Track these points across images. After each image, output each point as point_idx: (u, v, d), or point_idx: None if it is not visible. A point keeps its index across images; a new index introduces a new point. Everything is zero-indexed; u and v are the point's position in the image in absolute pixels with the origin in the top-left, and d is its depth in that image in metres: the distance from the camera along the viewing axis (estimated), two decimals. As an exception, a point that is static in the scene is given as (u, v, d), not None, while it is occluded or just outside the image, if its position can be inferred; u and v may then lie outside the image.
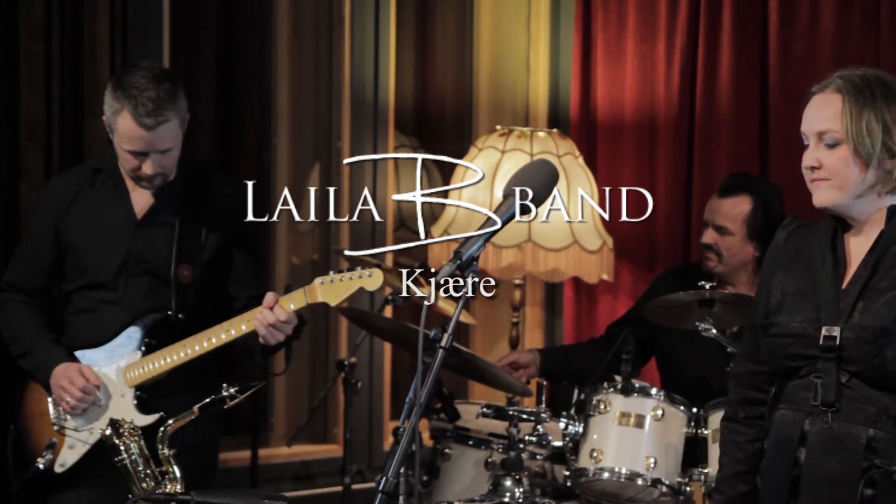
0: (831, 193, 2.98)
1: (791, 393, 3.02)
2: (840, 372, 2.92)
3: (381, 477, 2.57)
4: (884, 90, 2.96)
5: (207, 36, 5.84)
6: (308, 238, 6.11)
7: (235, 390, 3.67)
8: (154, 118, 3.95)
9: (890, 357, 2.87)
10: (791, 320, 3.01)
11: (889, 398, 2.90)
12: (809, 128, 3.03)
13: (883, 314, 2.89)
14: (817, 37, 5.65)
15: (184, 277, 4.08)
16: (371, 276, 3.90)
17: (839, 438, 2.92)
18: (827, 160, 2.97)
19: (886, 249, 2.96)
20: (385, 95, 6.06)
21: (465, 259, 2.64)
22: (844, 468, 2.91)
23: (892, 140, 2.94)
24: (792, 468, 2.98)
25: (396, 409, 6.08)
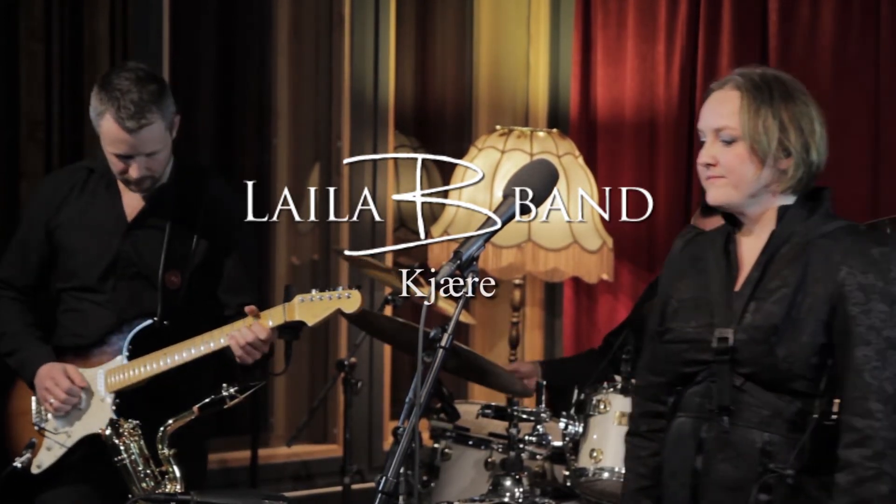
0: (726, 191, 2.95)
1: (688, 400, 2.99)
2: (734, 375, 2.90)
3: (381, 477, 2.57)
4: (782, 90, 2.97)
5: (207, 36, 5.84)
6: (308, 238, 6.11)
7: (235, 390, 3.67)
8: (136, 121, 3.88)
9: (781, 356, 2.85)
10: (685, 326, 2.99)
11: (783, 401, 2.87)
12: (707, 124, 2.99)
13: (773, 313, 2.87)
14: (817, 36, 5.65)
15: (172, 283, 4.03)
16: (349, 298, 3.84)
17: (734, 444, 2.89)
18: (723, 157, 2.95)
19: (777, 249, 2.94)
20: (385, 95, 6.06)
21: (464, 259, 2.64)
22: (740, 474, 2.88)
23: (788, 139, 2.94)
24: (691, 477, 2.95)
25: (396, 409, 6.08)
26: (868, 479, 2.79)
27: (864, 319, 2.83)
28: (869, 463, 2.79)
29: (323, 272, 6.05)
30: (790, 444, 2.86)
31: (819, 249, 2.90)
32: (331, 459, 5.83)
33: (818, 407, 2.87)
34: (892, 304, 2.84)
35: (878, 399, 2.80)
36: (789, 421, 2.87)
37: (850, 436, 2.82)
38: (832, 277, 2.86)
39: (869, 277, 2.84)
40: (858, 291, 2.84)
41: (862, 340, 2.82)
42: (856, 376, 2.82)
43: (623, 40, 6.15)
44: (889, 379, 2.81)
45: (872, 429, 2.80)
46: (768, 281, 2.91)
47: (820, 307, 2.86)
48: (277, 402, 6.05)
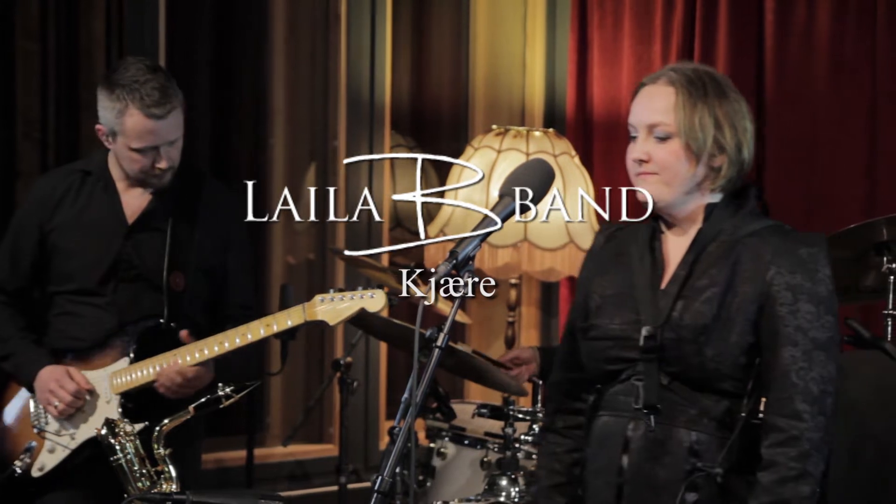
0: (658, 188, 2.91)
1: (612, 398, 2.95)
2: (661, 374, 2.87)
3: (377, 476, 2.57)
4: (715, 86, 2.92)
5: (203, 35, 5.84)
6: (304, 238, 6.11)
7: (231, 390, 3.67)
8: (163, 107, 3.90)
9: (710, 356, 2.82)
10: (610, 322, 2.95)
11: (710, 399, 2.84)
12: (639, 120, 2.94)
13: (702, 312, 2.84)
14: (813, 38, 5.65)
15: (176, 285, 4.03)
16: (373, 298, 3.86)
17: (662, 442, 2.86)
18: (657, 154, 2.90)
19: (704, 248, 2.91)
20: (381, 95, 6.06)
21: (460, 259, 2.64)
22: (668, 473, 2.85)
23: (723, 137, 2.89)
24: (617, 476, 2.91)
25: (392, 409, 6.08)
26: (790, 479, 2.78)
27: (792, 320, 2.82)
28: (793, 463, 2.78)
29: (319, 272, 6.05)
30: (718, 444, 2.84)
31: (748, 249, 2.88)
32: (327, 459, 5.82)
33: (746, 406, 2.84)
34: (818, 304, 2.83)
35: (805, 400, 2.79)
36: (717, 420, 2.84)
37: (776, 436, 2.80)
38: (761, 277, 2.84)
39: (797, 278, 2.83)
40: (786, 291, 2.83)
41: (789, 341, 2.81)
42: (782, 377, 2.81)
43: (619, 40, 6.15)
44: (815, 380, 2.80)
45: (798, 429, 2.79)
46: (696, 279, 2.88)
47: (748, 307, 2.84)
48: (273, 402, 6.05)
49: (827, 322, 2.84)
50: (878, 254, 4.30)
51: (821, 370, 2.81)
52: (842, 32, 5.58)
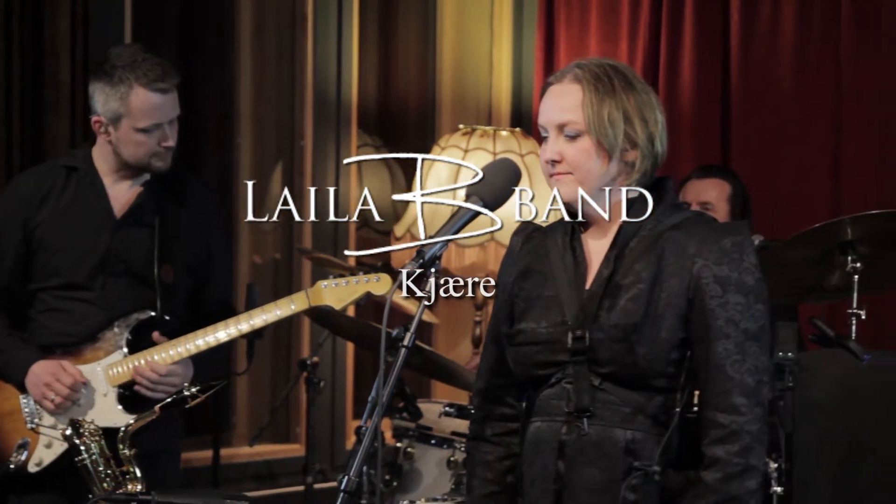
0: (573, 188, 2.83)
1: (544, 403, 2.87)
2: (592, 375, 2.80)
3: (344, 476, 2.56)
4: (622, 80, 2.85)
5: (169, 35, 5.82)
6: (270, 237, 6.10)
7: (197, 390, 3.66)
8: (166, 81, 3.96)
9: (642, 354, 2.76)
10: (537, 326, 2.87)
11: (644, 396, 2.79)
12: (549, 120, 2.87)
13: (631, 311, 2.77)
14: (778, 36, 5.68)
15: (167, 278, 4.05)
16: (378, 281, 3.88)
17: (598, 444, 2.79)
18: (568, 153, 2.83)
19: (626, 244, 2.84)
20: (348, 94, 6.06)
21: (427, 258, 2.64)
22: (605, 475, 2.79)
23: (634, 130, 2.82)
24: (554, 482, 2.84)
25: (359, 409, 6.08)
26: (736, 475, 2.73)
27: (722, 313, 2.76)
28: (736, 459, 2.73)
29: (285, 271, 6.04)
30: (655, 441, 2.79)
31: (671, 242, 2.81)
32: (293, 459, 5.82)
33: (680, 400, 2.80)
34: (747, 294, 2.78)
35: (741, 393, 2.75)
36: (652, 416, 2.79)
37: (716, 432, 2.75)
38: (687, 270, 2.78)
39: (724, 269, 2.77)
40: (715, 284, 2.77)
41: (721, 334, 2.76)
42: (717, 371, 2.76)
43: (586, 39, 6.16)
44: (750, 371, 2.76)
45: (737, 424, 2.74)
46: (621, 277, 2.81)
47: (677, 301, 2.78)
48: (239, 402, 6.04)
49: (757, 311, 2.79)
50: (842, 253, 4.32)
51: (755, 361, 2.77)
52: (807, 32, 5.61)
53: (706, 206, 4.91)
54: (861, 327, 4.29)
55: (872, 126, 5.42)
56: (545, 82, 2.93)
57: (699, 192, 4.96)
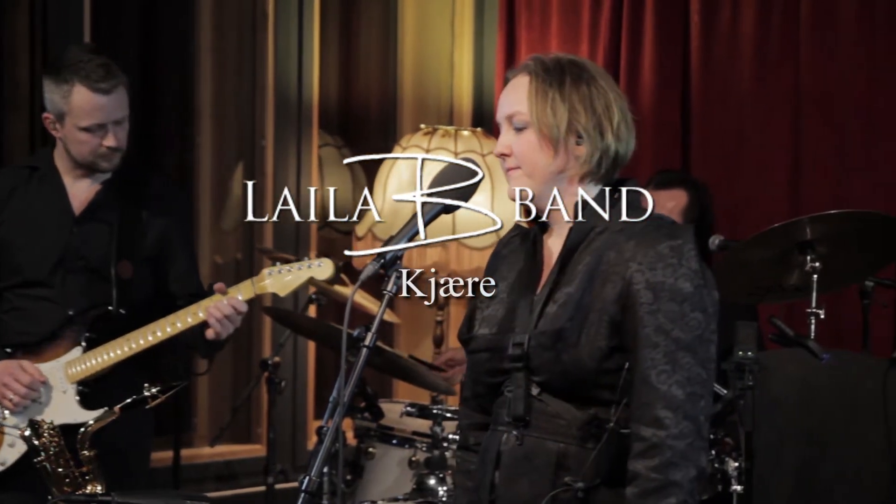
0: (522, 182, 2.77)
1: (496, 412, 2.81)
2: (530, 384, 2.72)
3: (305, 476, 2.56)
4: (575, 73, 2.77)
5: (129, 33, 5.80)
6: (231, 237, 6.09)
7: (157, 390, 3.65)
8: (109, 82, 3.96)
9: (569, 362, 2.66)
10: (488, 332, 2.82)
11: (579, 408, 2.68)
12: (501, 113, 2.82)
13: (558, 316, 2.69)
14: (737, 38, 5.70)
15: (124, 273, 4.05)
16: (321, 266, 3.88)
17: (529, 456, 2.71)
18: (516, 145, 2.78)
19: (576, 246, 2.75)
20: (309, 94, 6.05)
21: (388, 258, 2.63)
22: (534, 488, 2.70)
23: (578, 122, 2.74)
24: (490, 492, 2.78)
25: (320, 409, 6.07)
26: (652, 491, 2.61)
27: (651, 320, 2.63)
28: (654, 474, 2.61)
29: (246, 271, 6.02)
30: (586, 455, 2.68)
31: (612, 245, 2.71)
32: (254, 459, 5.81)
33: (614, 414, 2.67)
34: (682, 302, 2.64)
35: (666, 406, 2.61)
36: (584, 430, 2.68)
37: (638, 446, 2.63)
38: (621, 275, 2.66)
39: (657, 274, 2.64)
40: (647, 290, 2.64)
41: (648, 343, 2.63)
42: (642, 382, 2.64)
43: (547, 40, 6.17)
44: (679, 383, 2.62)
45: (659, 437, 2.61)
46: (565, 282, 2.73)
47: (609, 308, 2.66)
48: (200, 402, 6.02)
49: (693, 320, 2.64)
50: (801, 253, 4.34)
51: (686, 373, 2.63)
52: (766, 33, 5.64)
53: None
54: (820, 326, 4.32)
55: (831, 127, 5.45)
56: (505, 77, 2.89)
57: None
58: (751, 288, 4.56)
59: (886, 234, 4.48)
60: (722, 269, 4.52)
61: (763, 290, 4.56)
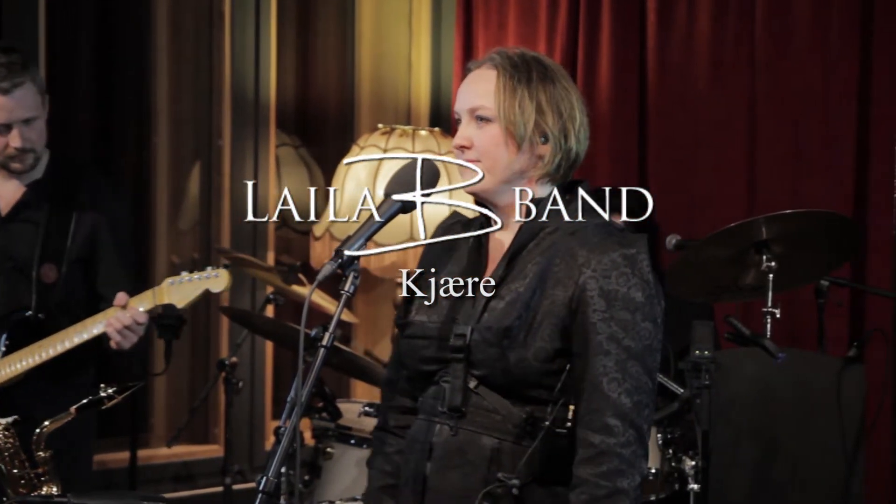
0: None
1: (425, 401, 2.80)
2: (469, 376, 2.71)
3: (262, 477, 2.56)
4: (541, 71, 2.77)
5: (85, 33, 5.77)
6: (188, 237, 6.06)
7: (113, 391, 3.63)
8: (9, 81, 3.90)
9: (513, 361, 2.66)
10: (427, 320, 2.79)
11: (516, 405, 2.68)
12: (462, 104, 2.80)
13: (506, 313, 2.68)
14: (694, 37, 5.73)
15: (47, 277, 4.01)
16: (217, 277, 3.85)
17: (463, 450, 2.71)
18: (478, 139, 2.75)
19: (524, 244, 2.75)
20: (266, 94, 6.04)
21: (346, 258, 2.62)
22: (466, 481, 2.70)
23: (545, 122, 2.74)
24: (421, 483, 2.76)
25: (278, 409, 6.06)
26: (601, 497, 2.62)
27: (605, 328, 2.64)
28: (603, 481, 2.62)
29: (201, 271, 6.00)
30: (521, 452, 2.68)
31: (563, 249, 2.70)
32: (212, 460, 5.79)
33: (551, 413, 2.68)
34: (634, 311, 2.65)
35: (615, 413, 2.63)
36: (520, 427, 2.68)
37: (585, 452, 2.64)
38: (573, 280, 2.67)
39: (611, 283, 2.65)
40: (600, 298, 2.65)
41: (601, 350, 2.64)
42: (592, 389, 2.64)
43: (504, 40, 6.18)
44: (628, 392, 2.64)
45: (607, 445, 2.62)
46: (511, 279, 2.72)
47: (558, 311, 2.67)
48: (157, 403, 6.00)
49: (643, 330, 2.66)
50: (757, 252, 4.37)
51: (634, 382, 2.65)
52: (722, 33, 5.66)
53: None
54: (776, 326, 4.34)
55: (786, 126, 5.48)
56: (465, 68, 2.87)
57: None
58: (707, 287, 4.59)
59: (841, 234, 4.51)
60: (679, 268, 4.54)
61: (720, 290, 4.59)
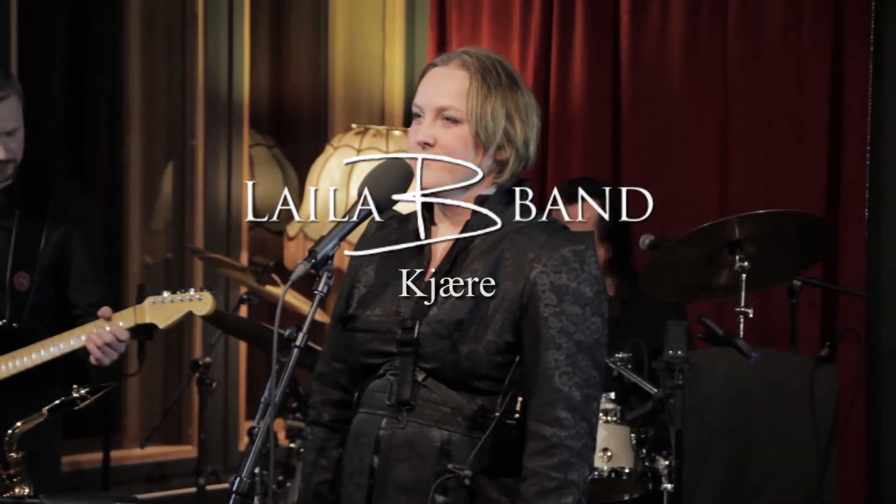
0: (440, 175, 2.75)
1: (369, 395, 2.79)
2: (416, 370, 2.72)
3: (236, 477, 2.55)
4: (508, 76, 2.78)
5: (57, 33, 5.75)
6: (161, 237, 6.05)
7: (86, 391, 3.62)
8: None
9: (464, 353, 2.68)
10: (371, 314, 2.79)
11: (465, 398, 2.70)
12: (428, 101, 2.78)
13: (458, 307, 2.70)
14: (667, 38, 5.74)
15: (20, 285, 3.98)
16: (201, 300, 3.84)
17: (412, 442, 2.72)
18: (444, 138, 2.75)
19: (470, 240, 2.76)
20: (239, 93, 6.03)
21: (319, 258, 2.62)
22: (416, 474, 2.71)
23: (514, 129, 2.75)
24: (368, 477, 2.76)
25: (252, 409, 6.05)
26: (552, 490, 2.65)
27: (556, 322, 2.68)
28: (554, 473, 2.65)
29: (177, 271, 5.99)
30: (471, 444, 2.70)
31: (513, 244, 2.73)
32: (185, 460, 5.78)
33: (500, 405, 2.71)
34: (584, 305, 2.70)
35: (566, 406, 2.67)
36: (470, 419, 2.70)
37: (536, 444, 2.67)
38: (524, 275, 2.70)
39: (562, 277, 2.69)
40: (551, 292, 2.69)
41: (553, 344, 2.68)
42: (544, 382, 2.68)
43: (478, 40, 6.18)
44: (578, 385, 2.68)
45: (558, 437, 2.66)
46: (458, 273, 2.74)
47: (509, 305, 2.69)
48: (130, 403, 5.98)
49: (592, 324, 2.71)
50: (730, 252, 4.38)
51: (584, 375, 2.69)
52: (695, 34, 5.67)
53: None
54: (748, 325, 4.36)
55: (758, 126, 5.50)
56: (429, 63, 2.85)
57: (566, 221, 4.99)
58: (681, 287, 4.60)
59: (814, 234, 4.53)
60: (652, 268, 4.55)
61: (693, 290, 4.60)
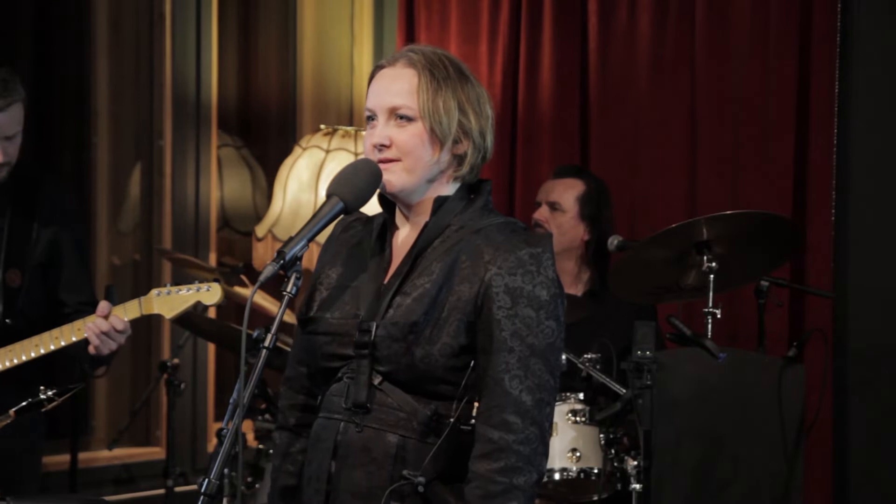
0: (401, 176, 2.74)
1: (328, 399, 2.78)
2: (373, 373, 2.70)
3: (204, 479, 2.55)
4: (456, 69, 2.78)
5: (22, 32, 5.73)
6: (129, 238, 6.03)
7: (53, 393, 3.61)
8: (6, 98, 3.87)
9: (419, 356, 2.66)
10: (330, 316, 2.78)
11: (421, 402, 2.69)
12: (380, 103, 2.76)
13: (413, 310, 2.68)
14: (634, 39, 5.75)
15: (12, 281, 3.99)
16: (209, 290, 3.84)
17: (367, 448, 2.70)
18: (399, 138, 2.73)
19: (430, 242, 2.75)
20: (207, 94, 6.01)
21: (288, 259, 2.62)
22: (371, 480, 2.69)
23: (468, 121, 2.75)
24: (326, 482, 2.74)
25: (220, 411, 6.04)
26: (497, 493, 2.62)
27: (509, 325, 2.65)
28: (498, 477, 2.63)
29: (145, 272, 5.97)
30: (426, 450, 2.68)
31: (469, 246, 2.72)
32: (153, 462, 5.76)
33: (456, 410, 2.69)
34: (538, 309, 2.67)
35: (515, 410, 2.64)
36: (425, 424, 2.68)
37: (482, 447, 2.65)
38: (479, 277, 2.68)
39: (517, 280, 2.67)
40: (505, 294, 2.66)
41: (505, 347, 2.65)
42: (494, 385, 2.66)
43: (446, 40, 6.19)
44: (529, 389, 2.65)
45: (505, 441, 2.63)
46: (416, 275, 2.73)
47: (464, 307, 2.67)
48: (98, 405, 5.96)
49: (547, 328, 2.68)
50: (698, 253, 4.40)
51: (536, 379, 2.66)
52: (662, 34, 5.69)
53: (554, 205, 4.99)
54: (717, 326, 4.38)
55: (726, 127, 5.51)
56: (376, 66, 2.84)
57: (548, 192, 5.04)
58: (649, 288, 4.61)
59: (781, 234, 4.55)
60: (621, 269, 4.57)
61: (661, 290, 4.61)
